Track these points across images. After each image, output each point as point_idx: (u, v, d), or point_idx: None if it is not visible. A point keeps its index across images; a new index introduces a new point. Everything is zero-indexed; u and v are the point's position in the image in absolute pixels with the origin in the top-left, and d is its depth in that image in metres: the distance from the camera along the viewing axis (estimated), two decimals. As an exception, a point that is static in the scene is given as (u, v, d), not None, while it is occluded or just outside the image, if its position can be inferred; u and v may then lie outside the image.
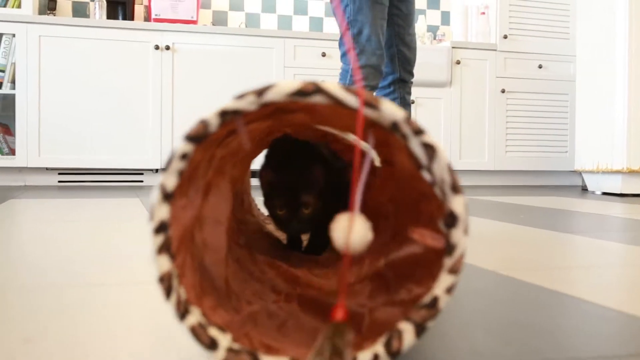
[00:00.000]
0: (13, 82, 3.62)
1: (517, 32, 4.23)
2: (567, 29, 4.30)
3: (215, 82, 3.79)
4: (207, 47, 3.79)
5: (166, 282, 0.58)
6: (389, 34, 2.44)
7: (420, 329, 0.60)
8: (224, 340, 0.59)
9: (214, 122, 0.59)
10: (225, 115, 0.60)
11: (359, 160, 0.63)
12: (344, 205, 1.07)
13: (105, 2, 3.93)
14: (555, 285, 1.06)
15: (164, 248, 0.58)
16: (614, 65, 3.50)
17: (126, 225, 1.81)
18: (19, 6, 3.69)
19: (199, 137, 0.59)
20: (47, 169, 3.66)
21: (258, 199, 1.14)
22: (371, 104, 0.59)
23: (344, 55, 2.33)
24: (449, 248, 0.60)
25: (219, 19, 4.39)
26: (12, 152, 3.65)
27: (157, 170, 3.79)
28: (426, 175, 0.61)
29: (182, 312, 0.58)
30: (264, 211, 1.13)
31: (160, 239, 0.58)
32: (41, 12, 4.03)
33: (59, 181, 3.69)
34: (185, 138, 0.59)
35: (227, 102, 0.60)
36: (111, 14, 3.99)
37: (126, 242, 1.49)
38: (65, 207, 2.32)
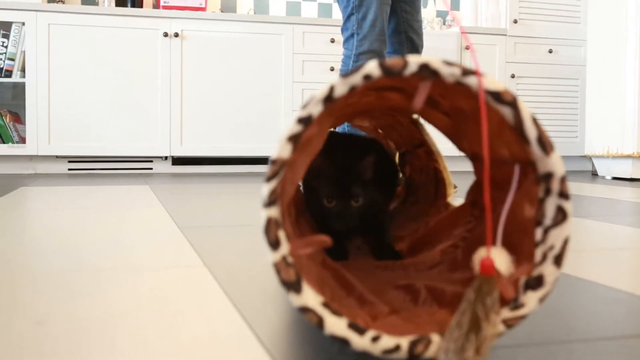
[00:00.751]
0: (23, 70, 3.63)
1: (527, 16, 4.19)
2: (577, 13, 4.26)
3: (224, 69, 3.79)
4: (215, 34, 3.78)
5: (276, 167, 0.58)
6: (397, 21, 2.42)
7: None
8: (284, 246, 0.59)
9: (412, 69, 0.59)
10: (423, 70, 0.59)
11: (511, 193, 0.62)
12: (382, 204, 1.05)
13: (113, -10, 3.93)
14: (567, 268, 1.06)
15: (294, 138, 0.58)
16: (625, 49, 3.47)
17: (136, 212, 1.82)
18: (27, -6, 3.69)
19: (391, 70, 0.59)
20: (57, 157, 3.68)
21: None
22: (545, 146, 0.59)
23: (346, 41, 2.31)
24: (516, 304, 0.60)
25: (228, 6, 4.37)
26: (23, 140, 3.66)
27: (166, 158, 3.80)
28: (538, 234, 0.61)
29: (271, 201, 0.58)
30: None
31: (298, 128, 0.58)
32: (50, 0, 4.04)
33: (69, 169, 3.71)
34: (379, 64, 0.59)
35: (433, 60, 0.59)
36: (120, 2, 3.98)
37: (136, 228, 1.50)
38: (75, 195, 2.34)
